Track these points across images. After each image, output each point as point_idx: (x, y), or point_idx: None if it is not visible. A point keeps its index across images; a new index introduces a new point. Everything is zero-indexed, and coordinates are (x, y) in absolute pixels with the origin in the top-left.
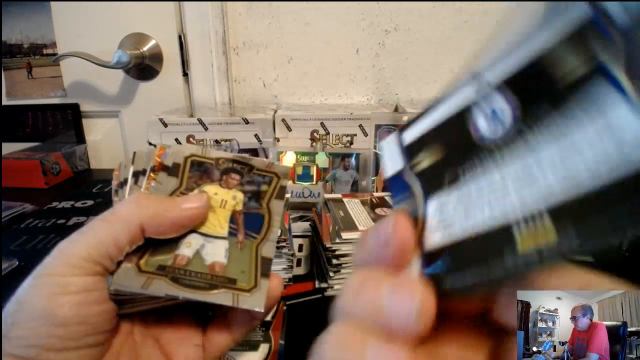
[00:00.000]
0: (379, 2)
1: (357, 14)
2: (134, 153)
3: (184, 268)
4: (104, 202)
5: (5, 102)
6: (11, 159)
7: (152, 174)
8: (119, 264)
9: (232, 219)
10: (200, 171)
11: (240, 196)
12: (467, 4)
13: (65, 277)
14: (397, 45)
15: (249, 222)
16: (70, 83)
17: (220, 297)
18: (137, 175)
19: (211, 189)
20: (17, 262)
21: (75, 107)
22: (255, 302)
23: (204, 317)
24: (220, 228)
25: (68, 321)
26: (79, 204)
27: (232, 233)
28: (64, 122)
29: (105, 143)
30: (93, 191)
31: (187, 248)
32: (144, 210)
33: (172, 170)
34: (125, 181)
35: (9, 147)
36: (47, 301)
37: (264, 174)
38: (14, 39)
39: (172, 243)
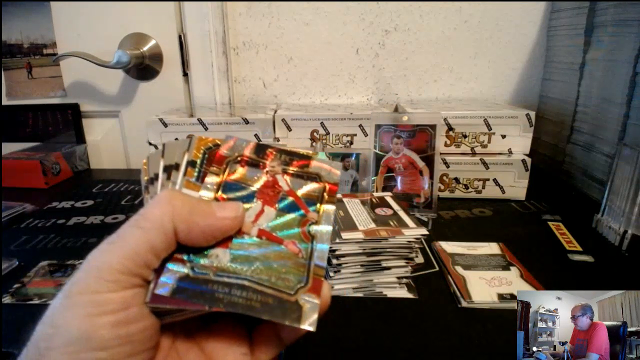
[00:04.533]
0: (379, 2)
1: (357, 14)
2: (164, 145)
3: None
4: (104, 202)
5: (5, 102)
6: (11, 159)
7: (191, 169)
8: (155, 272)
9: None
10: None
11: None
12: (467, 4)
13: (101, 294)
14: (397, 45)
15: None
16: (70, 83)
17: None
18: (168, 169)
19: None
20: (17, 262)
21: (75, 107)
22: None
23: (250, 322)
24: None
25: (109, 343)
26: (79, 204)
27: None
28: (64, 122)
29: (105, 143)
30: (93, 191)
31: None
32: (177, 211)
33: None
34: (156, 177)
35: (9, 147)
36: (84, 323)
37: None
38: (14, 39)
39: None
